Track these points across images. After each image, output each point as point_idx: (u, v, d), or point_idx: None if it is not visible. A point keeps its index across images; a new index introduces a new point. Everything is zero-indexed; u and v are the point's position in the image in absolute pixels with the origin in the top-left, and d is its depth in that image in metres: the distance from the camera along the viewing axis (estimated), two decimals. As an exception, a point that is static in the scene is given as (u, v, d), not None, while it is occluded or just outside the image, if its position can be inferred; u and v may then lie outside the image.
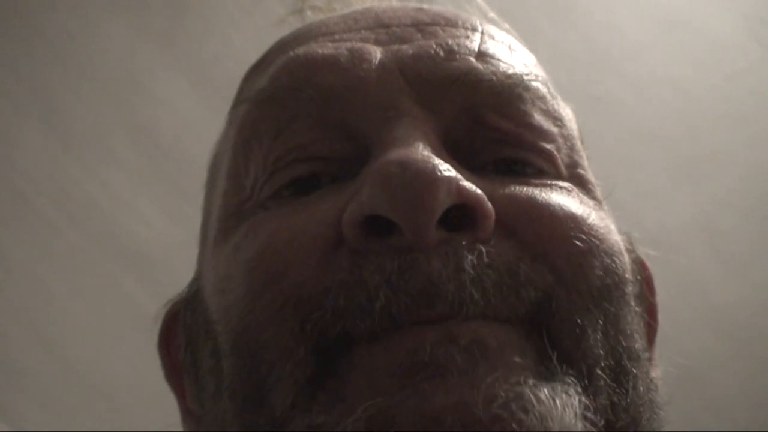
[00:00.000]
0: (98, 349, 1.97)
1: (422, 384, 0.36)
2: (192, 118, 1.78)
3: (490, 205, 0.39)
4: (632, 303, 0.44)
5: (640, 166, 1.92)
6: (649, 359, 0.48)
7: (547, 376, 0.37)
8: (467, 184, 0.38)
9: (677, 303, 1.93)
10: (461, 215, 0.38)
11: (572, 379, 0.38)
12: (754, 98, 1.90)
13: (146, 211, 1.90)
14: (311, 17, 0.56)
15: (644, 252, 0.53)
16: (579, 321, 0.40)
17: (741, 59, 1.86)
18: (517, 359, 0.37)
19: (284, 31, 0.52)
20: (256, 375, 0.40)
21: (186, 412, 0.51)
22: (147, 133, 1.85)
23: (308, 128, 0.44)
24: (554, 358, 0.38)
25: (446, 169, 0.38)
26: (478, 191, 0.39)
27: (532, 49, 0.52)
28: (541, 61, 0.52)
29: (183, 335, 0.50)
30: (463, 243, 0.38)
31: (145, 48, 1.78)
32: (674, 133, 1.91)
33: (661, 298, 0.53)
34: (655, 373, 0.51)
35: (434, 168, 0.38)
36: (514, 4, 1.62)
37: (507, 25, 0.54)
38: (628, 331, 0.42)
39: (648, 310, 0.50)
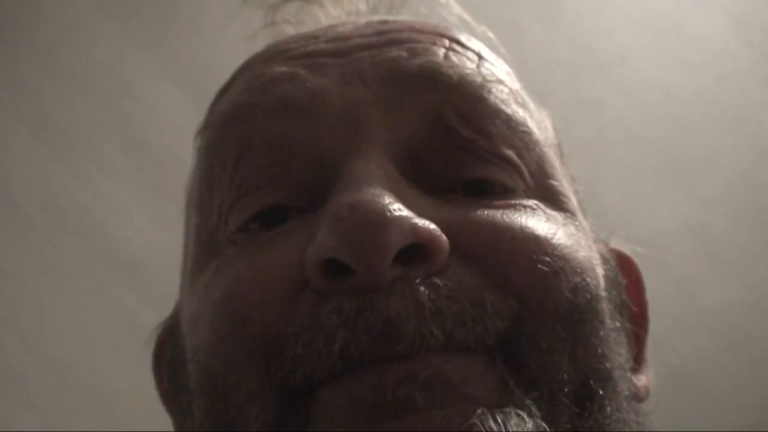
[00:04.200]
0: (89, 355, 1.97)
1: (382, 422, 0.36)
2: (182, 124, 1.77)
3: (443, 238, 0.39)
4: (607, 320, 0.43)
5: (629, 169, 1.92)
6: (634, 369, 0.47)
7: (504, 401, 0.37)
8: (419, 222, 0.38)
9: (668, 305, 1.92)
10: (416, 250, 0.38)
11: (532, 401, 0.38)
12: (744, 101, 1.90)
13: (137, 217, 1.90)
14: (282, 30, 0.56)
15: (631, 249, 0.53)
16: (544, 345, 0.39)
17: (730, 62, 1.86)
18: (475, 391, 0.37)
19: (258, 44, 0.52)
20: (225, 417, 0.40)
21: None
22: (137, 139, 1.84)
23: (269, 145, 0.44)
24: (511, 383, 0.38)
25: (397, 209, 0.38)
26: (431, 227, 0.38)
27: (519, 53, 0.52)
28: (529, 64, 0.51)
29: (166, 367, 0.50)
30: (419, 277, 0.38)
31: (134, 53, 1.78)
32: (664, 136, 1.92)
33: (652, 300, 0.53)
34: (647, 376, 0.50)
35: (384, 209, 0.37)
36: (502, 7, 1.63)
37: (483, 27, 0.54)
38: (600, 351, 0.41)
39: (633, 315, 0.49)
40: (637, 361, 0.49)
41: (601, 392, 0.41)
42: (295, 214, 0.43)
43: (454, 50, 0.46)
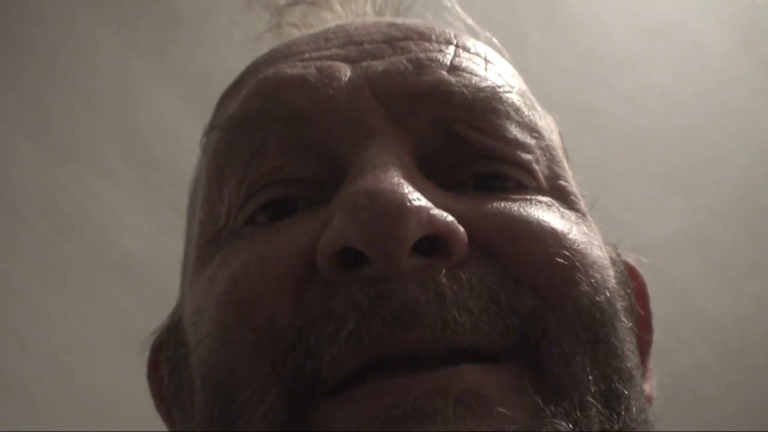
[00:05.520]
0: (89, 359, 1.97)
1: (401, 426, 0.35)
2: (183, 131, 1.78)
3: (462, 230, 0.38)
4: (623, 318, 0.42)
5: (630, 176, 1.92)
6: (643, 374, 0.47)
7: (538, 421, 0.36)
8: (437, 213, 0.37)
9: (668, 314, 1.92)
10: (434, 241, 0.37)
11: (563, 420, 0.37)
12: (745, 108, 1.90)
13: (137, 223, 1.90)
14: (288, 33, 0.55)
15: (636, 259, 0.53)
16: (567, 348, 0.38)
17: (731, 69, 1.86)
18: (507, 410, 0.36)
19: (263, 47, 0.52)
20: (227, 415, 0.39)
21: None
22: (138, 146, 1.84)
23: (280, 151, 0.43)
24: (541, 400, 0.37)
25: (416, 199, 0.37)
26: (449, 218, 0.38)
27: (522, 60, 0.52)
28: (531, 71, 0.51)
29: (166, 365, 0.49)
30: (441, 269, 0.37)
31: (136, 61, 1.78)
32: (665, 143, 1.92)
33: (653, 308, 0.53)
34: (650, 385, 0.50)
35: (403, 198, 0.37)
36: (505, 15, 1.63)
37: (487, 33, 0.53)
38: (620, 351, 0.41)
39: (640, 321, 0.48)
40: (642, 368, 0.49)
41: (626, 392, 0.40)
42: (304, 205, 0.43)
43: (461, 57, 0.46)
